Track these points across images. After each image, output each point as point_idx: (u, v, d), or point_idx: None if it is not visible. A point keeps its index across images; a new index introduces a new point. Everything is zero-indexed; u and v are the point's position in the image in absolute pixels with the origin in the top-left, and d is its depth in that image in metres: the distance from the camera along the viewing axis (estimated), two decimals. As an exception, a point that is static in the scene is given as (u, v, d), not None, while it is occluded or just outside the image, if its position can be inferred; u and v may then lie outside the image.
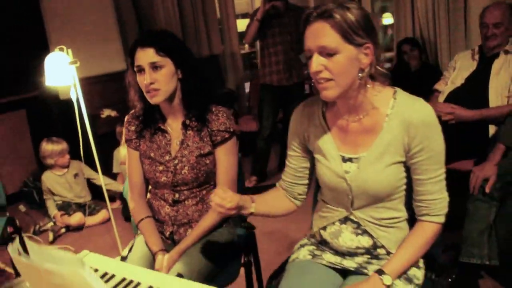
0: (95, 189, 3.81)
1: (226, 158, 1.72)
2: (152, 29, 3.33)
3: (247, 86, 5.32)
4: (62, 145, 3.65)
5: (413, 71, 3.62)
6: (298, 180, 1.52)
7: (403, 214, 1.37)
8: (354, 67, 1.22)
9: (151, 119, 1.75)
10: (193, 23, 4.77)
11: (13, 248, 0.74)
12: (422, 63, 3.65)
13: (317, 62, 1.21)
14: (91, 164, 3.42)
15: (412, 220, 1.38)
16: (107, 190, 2.97)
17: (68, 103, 2.70)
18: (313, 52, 1.22)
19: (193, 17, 4.73)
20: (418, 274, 1.38)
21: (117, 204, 3.88)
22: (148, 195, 1.86)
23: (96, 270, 1.33)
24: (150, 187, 1.85)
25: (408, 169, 1.31)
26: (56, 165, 3.67)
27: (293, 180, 1.53)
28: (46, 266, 0.69)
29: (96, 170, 3.08)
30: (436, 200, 1.30)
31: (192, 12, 4.71)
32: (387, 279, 1.26)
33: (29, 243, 0.73)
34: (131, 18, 4.71)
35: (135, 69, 1.63)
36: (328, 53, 1.20)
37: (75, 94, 2.54)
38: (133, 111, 1.81)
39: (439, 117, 2.55)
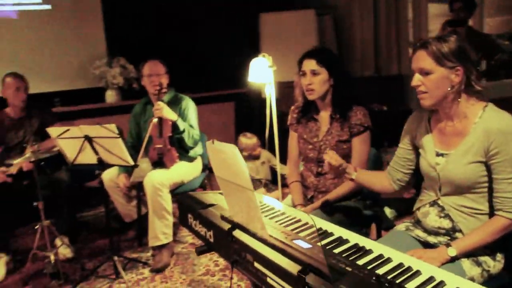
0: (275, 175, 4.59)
1: (359, 147, 2.23)
2: (317, 46, 3.77)
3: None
4: (253, 140, 4.35)
5: None
6: (399, 167, 1.93)
7: (484, 208, 1.67)
8: (445, 84, 1.61)
9: (308, 110, 2.36)
10: (386, 44, 5.20)
11: (208, 143, 1.44)
12: None
13: (416, 79, 1.65)
14: (272, 151, 4.18)
15: (493, 216, 1.67)
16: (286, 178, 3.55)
17: (266, 101, 3.46)
18: (415, 72, 1.67)
19: (387, 39, 5.16)
20: (490, 262, 1.67)
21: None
22: (302, 167, 2.48)
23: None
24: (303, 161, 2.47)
25: (489, 169, 1.63)
26: (250, 156, 4.54)
27: (395, 167, 1.94)
28: (219, 147, 1.37)
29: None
30: (509, 198, 1.59)
31: (386, 35, 5.15)
32: (451, 251, 1.61)
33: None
34: (331, 37, 5.41)
35: (300, 73, 2.26)
36: (425, 73, 1.63)
37: (269, 92, 3.28)
38: (296, 104, 2.45)
39: None
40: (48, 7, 5.09)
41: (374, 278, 1.23)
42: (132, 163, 2.69)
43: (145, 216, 3.19)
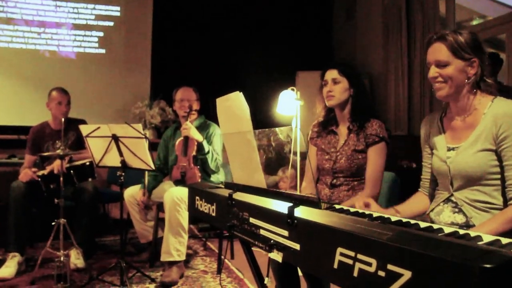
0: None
1: (374, 157, 2.22)
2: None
3: None
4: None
5: None
6: (429, 176, 1.88)
7: (498, 202, 1.60)
8: (461, 75, 1.63)
9: (329, 124, 2.40)
10: (419, 106, 5.16)
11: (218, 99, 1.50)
12: None
13: (433, 71, 1.67)
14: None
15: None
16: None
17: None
18: (431, 64, 1.70)
19: (419, 102, 5.15)
20: None
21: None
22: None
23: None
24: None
25: (500, 158, 1.58)
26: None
27: (426, 177, 1.90)
28: (225, 97, 1.43)
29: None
30: None
31: (419, 98, 5.16)
32: None
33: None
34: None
35: (322, 83, 2.34)
36: (442, 65, 1.66)
37: (295, 124, 3.35)
38: (317, 120, 2.49)
39: None
40: (102, 51, 5.55)
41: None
42: (153, 167, 2.76)
43: (161, 240, 3.19)
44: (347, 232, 0.97)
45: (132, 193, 3.31)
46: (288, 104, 3.34)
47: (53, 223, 2.82)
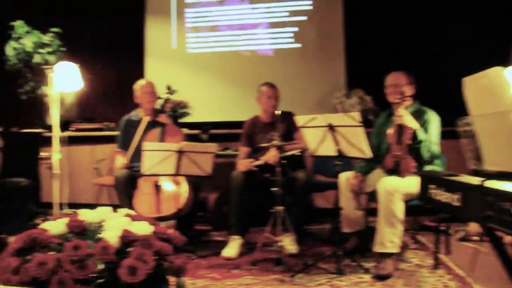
0: None
1: None
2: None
3: None
4: None
5: None
6: None
7: None
8: None
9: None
10: None
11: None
12: None
13: None
14: None
15: None
16: None
17: None
18: None
19: None
20: None
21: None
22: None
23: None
24: None
25: None
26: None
27: None
28: (478, 74, 1.28)
29: None
30: None
31: None
32: None
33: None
34: None
35: None
36: None
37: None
38: None
39: None
40: (299, 45, 5.73)
41: None
42: (370, 155, 2.72)
43: (370, 230, 3.14)
44: None
45: (347, 177, 3.30)
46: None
47: (271, 211, 2.99)
